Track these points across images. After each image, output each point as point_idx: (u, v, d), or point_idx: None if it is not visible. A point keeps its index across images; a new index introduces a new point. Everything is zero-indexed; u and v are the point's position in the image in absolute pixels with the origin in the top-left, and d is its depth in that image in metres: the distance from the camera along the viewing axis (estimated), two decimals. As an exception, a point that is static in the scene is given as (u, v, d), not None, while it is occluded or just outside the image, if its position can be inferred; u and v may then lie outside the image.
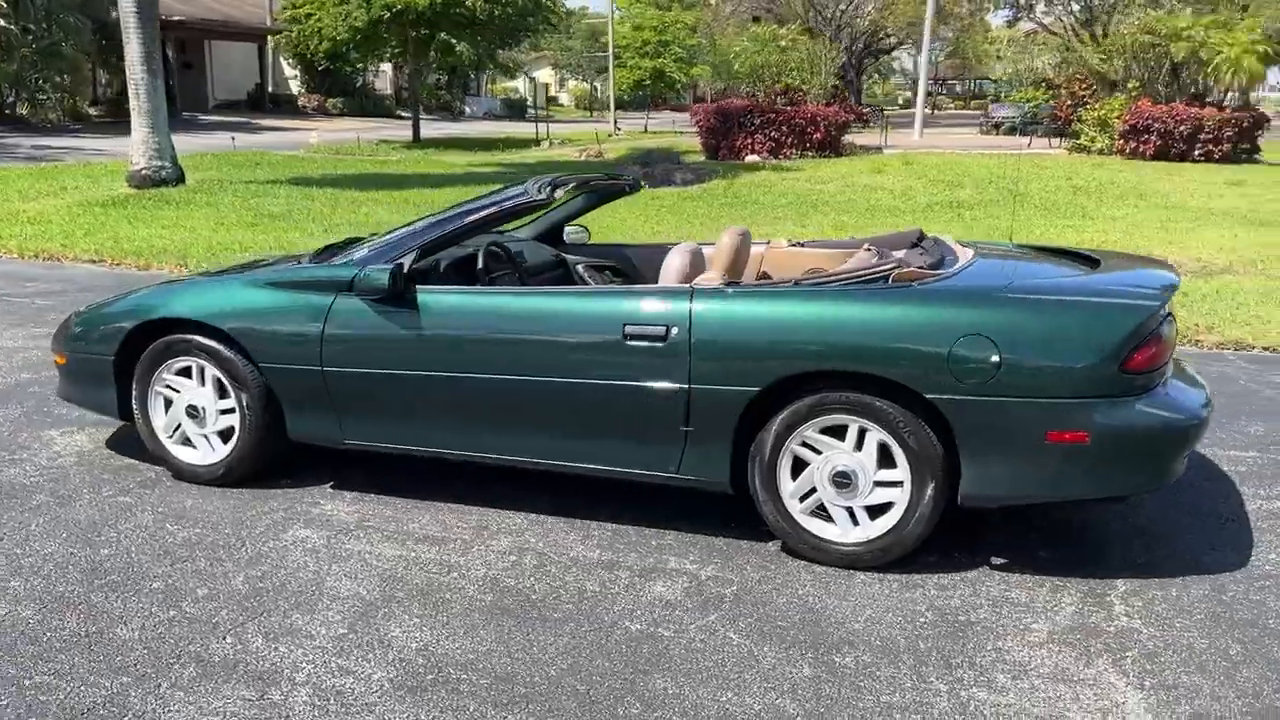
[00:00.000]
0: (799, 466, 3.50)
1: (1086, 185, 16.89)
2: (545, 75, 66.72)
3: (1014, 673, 2.87)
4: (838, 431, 3.43)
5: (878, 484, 3.42)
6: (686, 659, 2.93)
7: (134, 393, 4.20)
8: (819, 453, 3.46)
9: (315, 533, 3.76)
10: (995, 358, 3.21)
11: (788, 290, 3.54)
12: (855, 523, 3.48)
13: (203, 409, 4.13)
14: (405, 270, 3.82)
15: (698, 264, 4.03)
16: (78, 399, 4.48)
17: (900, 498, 3.40)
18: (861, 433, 3.40)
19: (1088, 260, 4.05)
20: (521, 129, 33.68)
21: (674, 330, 3.50)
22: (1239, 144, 20.79)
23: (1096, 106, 21.65)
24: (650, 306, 3.58)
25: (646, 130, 36.24)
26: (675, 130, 34.11)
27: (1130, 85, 22.57)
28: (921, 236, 4.44)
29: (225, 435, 4.16)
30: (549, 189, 4.04)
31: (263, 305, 4.00)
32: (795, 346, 3.40)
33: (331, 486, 4.20)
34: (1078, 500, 3.61)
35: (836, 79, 27.80)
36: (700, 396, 3.49)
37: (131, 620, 3.11)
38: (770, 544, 3.68)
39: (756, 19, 41.64)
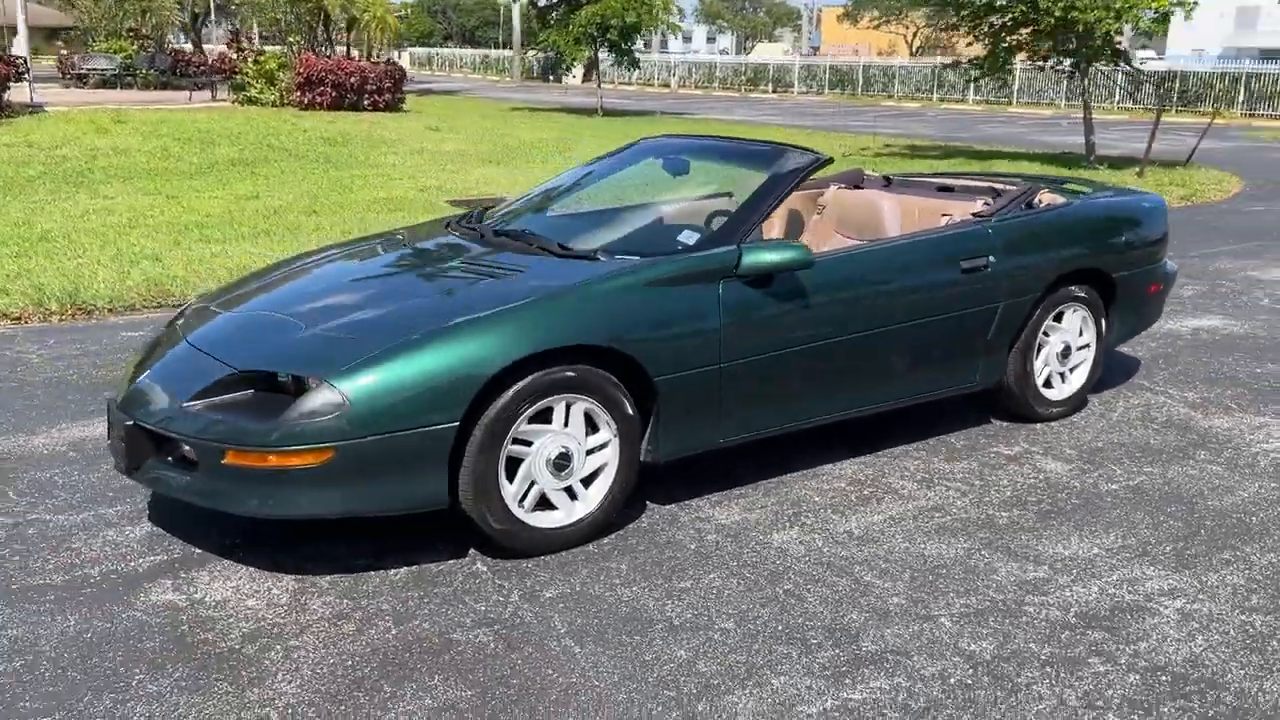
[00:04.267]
0: (1037, 351, 4.52)
1: (330, 136, 17.51)
2: None
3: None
4: (1059, 318, 4.54)
5: (1077, 349, 4.65)
6: (1224, 494, 3.88)
7: (475, 463, 3.06)
8: (1048, 336, 4.53)
9: (788, 533, 3.48)
10: (1136, 241, 4.72)
11: (1028, 215, 4.42)
12: (1064, 381, 4.66)
13: (572, 454, 3.25)
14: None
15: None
16: (370, 503, 3.04)
17: (1089, 358, 4.68)
18: (1073, 313, 4.57)
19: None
20: None
21: (990, 258, 4.15)
22: (395, 94, 23.47)
23: (265, 60, 22.05)
24: (970, 242, 4.14)
25: None
26: None
27: (291, 40, 23.44)
28: (863, 176, 5.51)
29: (587, 480, 3.35)
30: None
31: (653, 310, 3.37)
32: (1063, 256, 4.37)
33: (643, 501, 3.70)
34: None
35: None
36: (1005, 310, 4.23)
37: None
38: (996, 423, 4.59)
39: None
